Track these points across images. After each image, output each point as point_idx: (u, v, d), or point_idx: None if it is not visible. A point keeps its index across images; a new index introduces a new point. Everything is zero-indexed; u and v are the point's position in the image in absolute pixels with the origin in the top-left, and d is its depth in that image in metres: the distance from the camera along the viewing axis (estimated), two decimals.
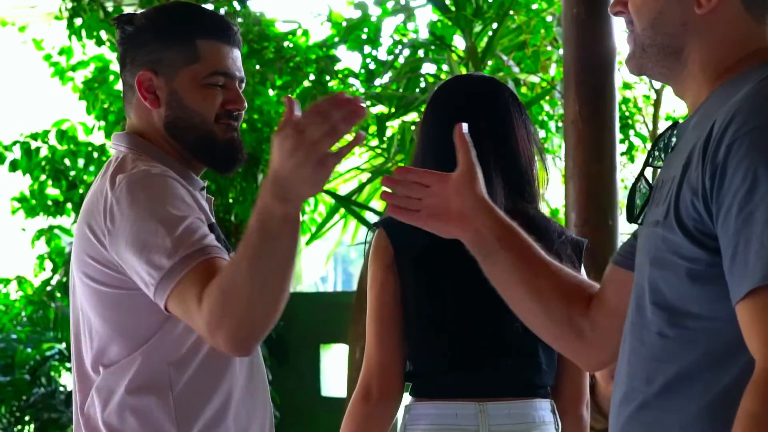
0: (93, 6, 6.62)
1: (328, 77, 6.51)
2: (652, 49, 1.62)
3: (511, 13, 5.94)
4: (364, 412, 2.41)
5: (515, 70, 5.98)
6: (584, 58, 4.38)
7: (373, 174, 5.96)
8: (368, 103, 6.34)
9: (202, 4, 6.07)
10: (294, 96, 6.54)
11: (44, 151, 6.90)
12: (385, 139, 5.91)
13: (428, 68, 6.25)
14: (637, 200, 1.67)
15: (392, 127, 6.08)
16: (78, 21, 6.63)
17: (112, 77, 6.82)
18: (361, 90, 6.60)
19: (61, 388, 6.78)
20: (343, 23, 6.71)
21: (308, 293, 8.57)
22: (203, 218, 2.01)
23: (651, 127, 7.42)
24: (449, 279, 2.38)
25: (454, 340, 2.40)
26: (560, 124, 6.17)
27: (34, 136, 6.90)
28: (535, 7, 6.41)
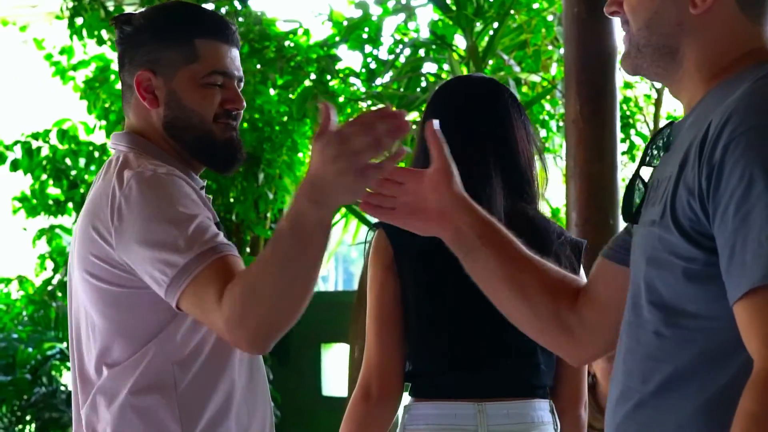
0: (94, 5, 6.62)
1: (329, 77, 6.51)
2: (648, 49, 1.62)
3: (512, 12, 5.94)
4: (364, 412, 2.41)
5: (516, 69, 5.98)
6: (585, 58, 4.38)
7: None
8: (369, 102, 6.34)
9: (202, 3, 6.07)
10: (294, 96, 6.54)
11: (45, 151, 6.90)
12: None
13: (429, 68, 6.26)
14: (636, 199, 1.67)
15: None
16: (79, 20, 6.63)
17: (113, 77, 6.82)
18: (362, 89, 6.60)
19: (62, 388, 6.78)
20: (344, 22, 6.71)
21: None
22: (211, 217, 2.02)
23: (652, 127, 7.43)
24: (449, 279, 2.37)
25: (454, 340, 2.40)
26: (561, 124, 6.16)
27: (35, 136, 6.90)
28: (536, 6, 6.40)
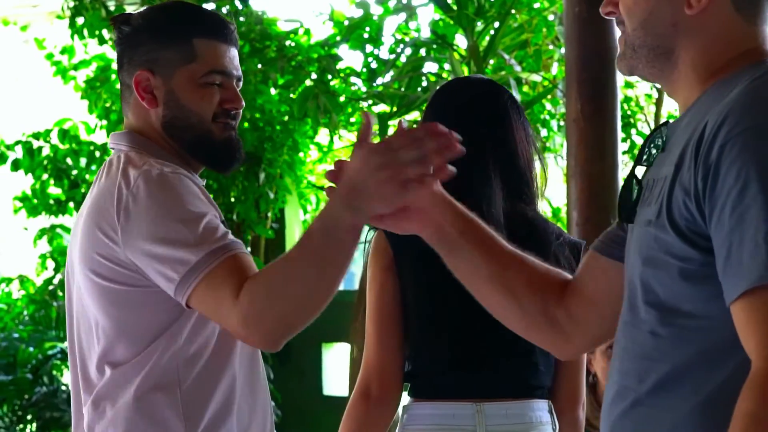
0: (95, 5, 6.61)
1: (330, 76, 6.50)
2: (643, 50, 1.62)
3: (513, 11, 5.94)
4: (363, 412, 2.41)
5: (517, 69, 5.97)
6: (586, 57, 4.37)
7: None
8: (370, 102, 6.34)
9: (202, 3, 6.07)
10: (295, 95, 6.54)
11: (46, 151, 6.89)
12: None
13: (430, 67, 6.25)
14: (631, 198, 1.67)
15: (394, 126, 6.05)
16: (80, 20, 6.62)
17: (114, 76, 6.80)
18: (363, 89, 6.60)
19: (63, 387, 6.77)
20: (345, 22, 6.70)
21: None
22: (218, 215, 2.03)
23: (653, 126, 7.41)
24: (449, 279, 2.36)
25: (454, 340, 2.40)
26: (562, 123, 6.15)
27: (36, 136, 6.89)
28: (536, 5, 6.40)
